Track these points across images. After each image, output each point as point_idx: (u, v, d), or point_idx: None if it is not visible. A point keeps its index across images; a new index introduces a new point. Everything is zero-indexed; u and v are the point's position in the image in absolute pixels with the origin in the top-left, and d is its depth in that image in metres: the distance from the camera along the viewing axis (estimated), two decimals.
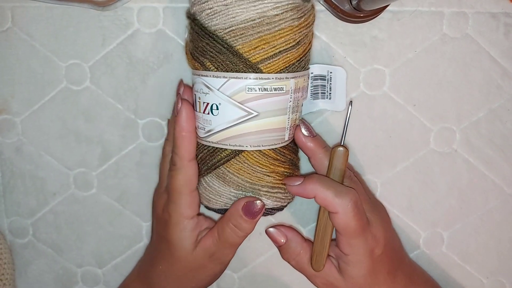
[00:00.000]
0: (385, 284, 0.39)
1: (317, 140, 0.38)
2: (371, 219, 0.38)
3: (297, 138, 0.38)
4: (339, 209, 0.35)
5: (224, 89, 0.34)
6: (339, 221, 0.35)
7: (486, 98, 0.43)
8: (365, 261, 0.37)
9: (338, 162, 0.37)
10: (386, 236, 0.38)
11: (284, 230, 0.40)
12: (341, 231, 0.36)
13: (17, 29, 0.42)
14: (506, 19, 0.41)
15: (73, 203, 0.46)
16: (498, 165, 0.44)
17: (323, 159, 0.38)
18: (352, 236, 0.36)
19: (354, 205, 0.35)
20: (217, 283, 0.48)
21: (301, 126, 0.38)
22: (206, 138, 0.36)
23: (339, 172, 0.37)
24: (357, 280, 0.38)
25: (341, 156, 0.37)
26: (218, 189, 0.37)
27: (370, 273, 0.37)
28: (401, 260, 0.42)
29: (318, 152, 0.38)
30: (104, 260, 0.47)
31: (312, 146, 0.38)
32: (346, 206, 0.35)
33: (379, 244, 0.37)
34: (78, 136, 0.44)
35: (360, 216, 0.36)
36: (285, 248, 0.40)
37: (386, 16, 0.41)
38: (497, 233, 0.46)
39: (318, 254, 0.38)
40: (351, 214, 0.35)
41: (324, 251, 0.38)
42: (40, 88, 0.43)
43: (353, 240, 0.36)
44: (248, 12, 0.33)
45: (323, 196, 0.35)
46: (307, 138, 0.38)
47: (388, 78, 0.42)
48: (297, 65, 0.35)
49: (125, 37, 0.42)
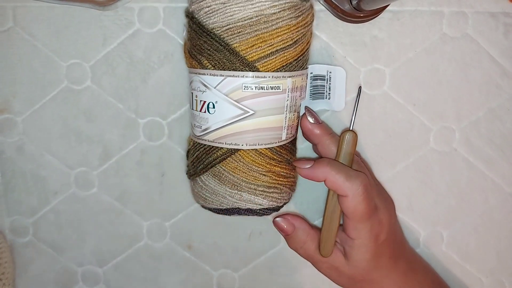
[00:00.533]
0: (387, 268, 0.39)
1: (323, 126, 0.39)
2: (378, 204, 0.38)
3: (303, 125, 0.39)
4: (349, 193, 0.35)
5: (221, 87, 0.35)
6: (348, 205, 0.36)
7: (485, 97, 0.43)
8: (370, 246, 0.37)
9: (347, 147, 0.37)
10: (391, 221, 0.39)
11: (291, 218, 0.40)
12: (349, 215, 0.36)
13: (19, 28, 0.42)
14: (506, 19, 0.41)
15: (74, 203, 0.46)
16: (498, 165, 0.44)
17: (330, 145, 0.38)
18: (359, 220, 0.36)
19: (364, 189, 0.35)
20: (218, 282, 0.48)
21: (307, 113, 0.38)
22: (203, 137, 0.37)
23: (348, 156, 0.37)
24: (361, 263, 0.38)
25: (350, 140, 0.37)
26: (214, 188, 0.37)
27: (373, 257, 0.38)
28: (402, 246, 0.42)
29: (325, 138, 0.38)
30: (105, 259, 0.47)
31: (319, 132, 0.38)
32: (356, 189, 0.35)
33: (384, 229, 0.38)
34: (79, 135, 0.44)
35: (369, 200, 0.36)
36: (292, 237, 0.40)
37: (386, 16, 0.41)
38: (497, 232, 0.46)
39: (326, 240, 0.38)
40: (361, 198, 0.35)
41: (332, 237, 0.38)
42: (41, 88, 0.43)
43: (360, 225, 0.36)
44: (246, 11, 0.33)
45: (333, 179, 0.35)
46: (313, 125, 0.38)
47: (388, 78, 0.42)
48: (295, 65, 0.36)
49: (126, 36, 0.42)
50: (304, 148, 0.44)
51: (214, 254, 0.47)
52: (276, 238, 0.46)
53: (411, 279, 0.41)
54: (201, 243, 0.47)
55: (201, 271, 0.48)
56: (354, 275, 0.39)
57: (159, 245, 0.47)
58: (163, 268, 0.48)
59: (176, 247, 0.47)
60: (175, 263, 0.47)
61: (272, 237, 0.46)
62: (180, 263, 0.47)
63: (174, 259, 0.47)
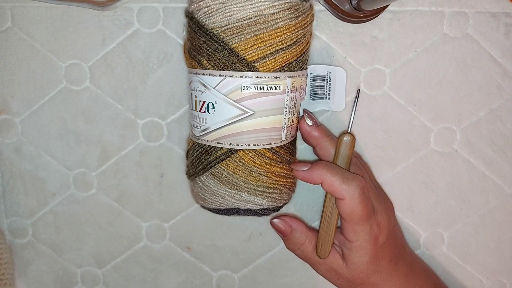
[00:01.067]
0: (387, 272, 0.39)
1: (321, 129, 0.39)
2: (376, 207, 0.38)
3: (302, 128, 0.39)
4: (346, 195, 0.35)
5: (220, 88, 0.34)
6: (345, 207, 0.36)
7: (486, 98, 0.43)
8: (368, 248, 0.37)
9: (345, 149, 0.37)
10: (390, 224, 0.39)
11: (289, 220, 0.40)
12: (347, 217, 0.36)
13: (17, 29, 0.42)
14: (507, 19, 0.41)
15: (72, 204, 0.46)
16: (499, 165, 0.44)
17: (328, 147, 0.38)
18: (357, 223, 0.36)
19: (361, 192, 0.35)
20: (218, 283, 0.48)
21: (305, 116, 0.38)
22: (202, 137, 0.36)
23: (346, 159, 0.37)
24: (359, 266, 0.38)
25: (348, 143, 0.37)
26: (214, 188, 0.37)
27: (373, 260, 0.38)
28: (402, 249, 0.42)
29: (323, 140, 0.39)
30: (104, 260, 0.47)
31: (317, 135, 0.38)
32: (353, 192, 0.35)
33: (383, 232, 0.38)
34: (77, 136, 0.44)
35: (366, 202, 0.36)
36: (290, 239, 0.40)
37: (387, 16, 0.41)
38: (498, 233, 0.46)
39: (323, 242, 0.38)
40: (358, 201, 0.35)
41: (329, 239, 0.38)
42: (40, 88, 0.43)
43: (358, 227, 0.36)
44: (245, 11, 0.33)
45: (330, 182, 0.35)
46: (311, 128, 0.38)
47: (388, 78, 0.42)
48: (294, 65, 0.35)
49: (125, 37, 0.42)
50: (304, 149, 0.43)
51: (213, 255, 0.47)
52: (276, 239, 0.46)
53: (412, 283, 0.40)
54: (201, 244, 0.47)
55: (201, 272, 0.48)
56: (353, 277, 0.39)
57: (158, 246, 0.47)
58: (162, 269, 0.47)
59: (175, 248, 0.47)
60: (175, 264, 0.47)
61: (272, 238, 0.46)
62: (180, 264, 0.47)
63: (173, 260, 0.47)
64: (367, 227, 0.36)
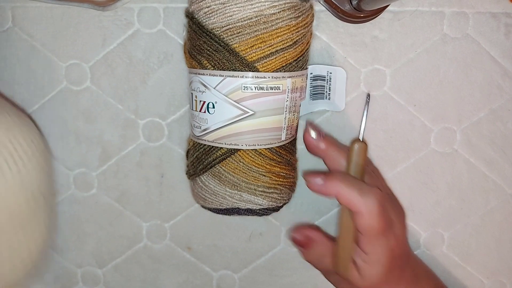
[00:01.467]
0: (396, 279, 0.38)
1: (327, 140, 0.37)
2: (393, 218, 0.36)
3: (308, 142, 0.37)
4: (363, 209, 0.33)
5: (220, 88, 0.34)
6: (362, 222, 0.34)
7: (487, 98, 0.43)
8: (384, 260, 0.35)
9: (357, 158, 0.35)
10: (404, 234, 0.37)
11: (309, 233, 0.38)
12: (364, 232, 0.34)
13: (18, 29, 0.42)
14: (507, 19, 0.41)
15: (73, 204, 0.46)
16: (499, 166, 0.44)
17: (338, 157, 0.37)
18: (375, 237, 0.34)
19: (379, 205, 0.33)
20: (218, 283, 0.48)
21: (309, 129, 0.37)
22: (202, 137, 0.37)
23: (360, 168, 0.35)
24: (373, 278, 0.36)
25: (361, 151, 0.35)
26: (214, 188, 0.37)
27: (387, 271, 0.36)
28: (408, 254, 0.41)
29: (331, 151, 0.37)
30: (104, 260, 0.47)
31: (325, 146, 0.37)
32: (371, 206, 0.33)
33: (399, 243, 0.36)
34: (78, 136, 0.44)
35: (384, 216, 0.34)
36: (309, 251, 0.39)
37: (387, 16, 0.41)
38: (498, 233, 0.46)
39: (343, 259, 0.36)
40: (375, 214, 0.33)
41: (348, 256, 0.36)
42: (40, 88, 0.43)
43: (376, 241, 0.35)
44: (245, 11, 0.33)
45: (346, 195, 0.33)
46: (317, 140, 0.37)
47: (388, 79, 0.42)
48: (294, 65, 0.35)
49: (126, 37, 0.42)
50: (304, 149, 0.43)
51: (214, 255, 0.47)
52: (276, 239, 0.46)
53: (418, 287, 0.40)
54: (201, 244, 0.47)
55: (201, 272, 0.48)
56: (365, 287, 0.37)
57: (158, 246, 0.47)
58: (162, 270, 0.47)
59: (176, 248, 0.47)
60: (175, 264, 0.47)
61: (272, 238, 0.46)
62: (180, 264, 0.47)
63: (174, 260, 0.47)
64: (384, 240, 0.35)
